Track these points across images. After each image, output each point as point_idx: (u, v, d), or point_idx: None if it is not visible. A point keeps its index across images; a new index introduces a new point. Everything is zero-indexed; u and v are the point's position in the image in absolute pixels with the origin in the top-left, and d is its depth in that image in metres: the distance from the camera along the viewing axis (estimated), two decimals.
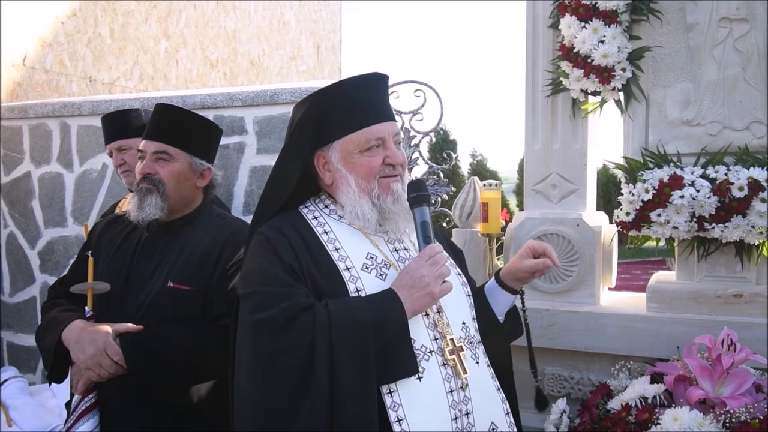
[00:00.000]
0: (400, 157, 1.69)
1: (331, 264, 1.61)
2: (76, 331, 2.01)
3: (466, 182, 2.97)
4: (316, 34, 9.33)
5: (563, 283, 2.77)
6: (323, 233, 1.66)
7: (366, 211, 1.66)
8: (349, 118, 1.67)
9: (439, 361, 1.57)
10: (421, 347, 1.57)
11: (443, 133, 14.04)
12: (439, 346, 1.59)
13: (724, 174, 2.45)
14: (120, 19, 5.85)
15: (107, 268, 2.18)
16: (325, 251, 1.62)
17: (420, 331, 1.58)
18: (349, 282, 1.58)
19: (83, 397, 2.03)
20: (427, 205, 1.66)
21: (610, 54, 2.59)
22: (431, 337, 1.59)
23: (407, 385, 1.52)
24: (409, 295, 1.54)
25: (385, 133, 1.67)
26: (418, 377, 1.54)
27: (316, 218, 1.70)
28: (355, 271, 1.60)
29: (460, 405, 1.57)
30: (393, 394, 1.51)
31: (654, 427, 2.14)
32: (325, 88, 1.73)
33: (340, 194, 1.69)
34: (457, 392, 1.57)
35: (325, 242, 1.64)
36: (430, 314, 1.62)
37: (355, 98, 1.68)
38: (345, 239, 1.66)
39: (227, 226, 2.22)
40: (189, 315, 2.07)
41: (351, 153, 1.66)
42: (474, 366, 1.64)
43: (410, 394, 1.52)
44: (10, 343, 4.18)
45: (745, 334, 2.37)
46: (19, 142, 4.10)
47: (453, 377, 1.58)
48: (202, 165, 2.24)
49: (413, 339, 1.56)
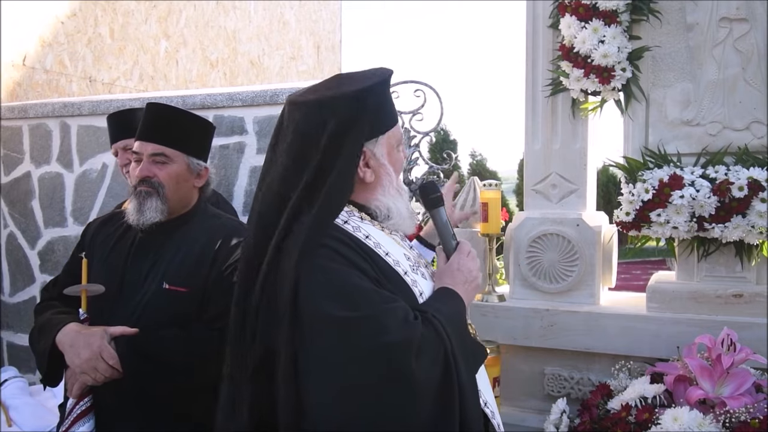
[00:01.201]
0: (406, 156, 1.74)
1: (390, 270, 1.51)
2: (71, 334, 1.99)
3: (466, 182, 2.97)
4: (316, 34, 9.33)
5: (563, 283, 2.77)
6: (365, 238, 1.51)
7: (402, 208, 1.60)
8: (390, 111, 1.61)
9: None
10: None
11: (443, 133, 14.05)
12: None
13: (724, 174, 2.45)
14: (120, 19, 5.85)
15: (101, 270, 2.15)
16: (380, 257, 1.51)
17: None
18: (413, 287, 1.53)
19: (78, 401, 2.01)
20: (442, 206, 1.73)
21: (610, 54, 2.59)
22: None
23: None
24: (465, 290, 1.61)
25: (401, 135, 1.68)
26: None
27: (346, 222, 1.52)
28: (411, 274, 1.55)
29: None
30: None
31: (654, 427, 2.14)
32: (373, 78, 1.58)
33: (381, 191, 1.58)
34: None
35: (374, 247, 1.51)
36: None
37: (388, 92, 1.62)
38: (386, 243, 1.56)
39: (223, 226, 2.21)
40: (184, 317, 2.05)
41: (393, 147, 1.59)
42: None
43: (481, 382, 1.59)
44: (10, 343, 4.18)
45: (745, 334, 2.37)
46: (19, 142, 4.11)
47: None
48: (199, 165, 2.23)
49: None
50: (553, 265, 2.77)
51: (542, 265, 2.79)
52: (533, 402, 2.80)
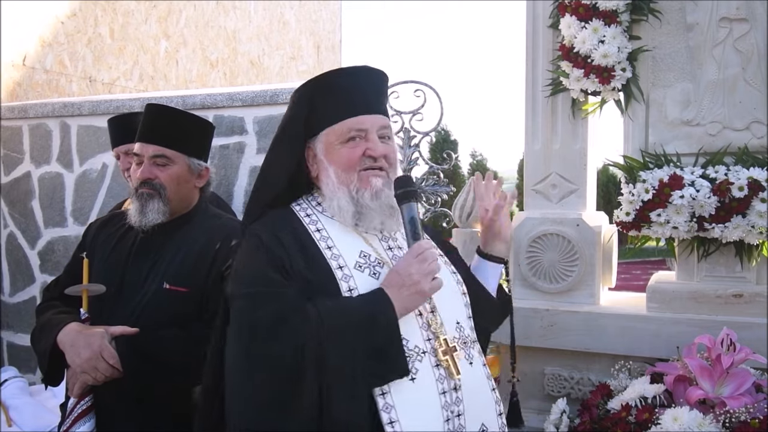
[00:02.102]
0: (381, 149, 1.64)
1: (323, 263, 1.57)
2: (72, 334, 2.00)
3: (466, 182, 2.97)
4: (316, 34, 9.33)
5: (563, 283, 2.77)
6: (315, 231, 1.63)
7: (342, 203, 1.62)
8: (334, 109, 1.65)
9: (432, 361, 1.54)
10: (414, 348, 1.54)
11: (444, 133, 14.06)
12: (432, 347, 1.56)
13: (724, 174, 2.45)
14: (120, 19, 5.85)
15: (102, 270, 2.16)
16: (318, 250, 1.59)
17: (413, 331, 1.56)
18: (342, 281, 1.55)
19: (79, 401, 2.02)
20: (415, 201, 1.62)
21: (610, 54, 2.59)
22: (424, 338, 1.56)
23: (400, 387, 1.50)
24: (399, 294, 1.52)
25: (368, 125, 1.63)
26: (411, 378, 1.51)
27: (308, 216, 1.66)
28: (348, 269, 1.57)
29: (452, 406, 1.54)
30: (386, 395, 1.48)
31: (654, 427, 2.14)
32: (316, 76, 1.70)
33: (323, 186, 1.66)
34: (449, 393, 1.54)
35: (318, 240, 1.61)
36: (423, 314, 1.59)
37: (341, 89, 1.66)
38: (338, 237, 1.63)
39: (223, 227, 2.21)
40: (185, 316, 2.05)
41: (332, 144, 1.64)
42: (467, 366, 1.60)
43: (403, 395, 1.50)
44: (10, 343, 4.18)
45: (745, 334, 2.37)
46: (19, 142, 4.10)
47: (446, 378, 1.54)
48: (200, 165, 2.23)
49: (406, 339, 1.53)
50: (553, 265, 2.77)
51: (542, 265, 2.79)
52: (533, 402, 2.80)
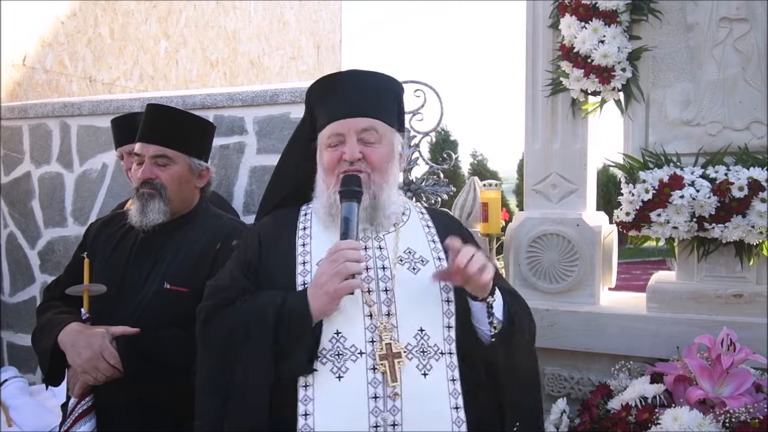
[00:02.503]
0: (351, 153, 1.66)
1: (292, 258, 1.66)
2: (72, 334, 2.00)
3: (466, 182, 2.97)
4: (316, 34, 9.33)
5: (563, 283, 2.77)
6: (301, 229, 1.72)
7: (322, 203, 1.71)
8: (324, 114, 1.74)
9: (369, 364, 1.53)
10: (351, 347, 1.54)
11: (444, 133, 14.05)
12: (372, 349, 1.54)
13: (724, 174, 2.45)
14: (120, 19, 5.85)
15: (103, 270, 2.16)
16: (293, 247, 1.68)
17: (356, 331, 1.56)
18: (299, 275, 1.63)
19: (80, 400, 2.03)
20: (356, 201, 1.63)
21: (610, 54, 2.59)
22: (367, 339, 1.55)
23: (324, 382, 1.51)
24: (314, 293, 1.54)
25: (345, 129, 1.68)
26: (338, 376, 1.51)
27: (305, 215, 1.76)
28: (310, 266, 1.63)
29: (384, 414, 1.50)
30: (308, 388, 1.51)
31: (654, 427, 2.14)
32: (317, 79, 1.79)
33: (315, 187, 1.77)
34: (383, 400, 1.50)
35: (297, 238, 1.70)
36: (373, 315, 1.58)
37: (330, 93, 1.75)
38: (318, 236, 1.69)
39: (224, 227, 2.21)
40: (185, 316, 2.04)
41: (322, 148, 1.74)
42: (418, 377, 1.54)
43: (325, 391, 1.51)
44: (10, 343, 4.18)
45: (745, 334, 2.37)
46: (19, 142, 4.10)
47: (381, 383, 1.51)
48: (201, 165, 2.24)
49: (344, 338, 1.54)
50: (553, 265, 2.77)
51: (542, 265, 2.79)
52: None
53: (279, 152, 1.85)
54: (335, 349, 1.54)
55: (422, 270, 1.67)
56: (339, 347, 1.54)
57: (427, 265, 1.69)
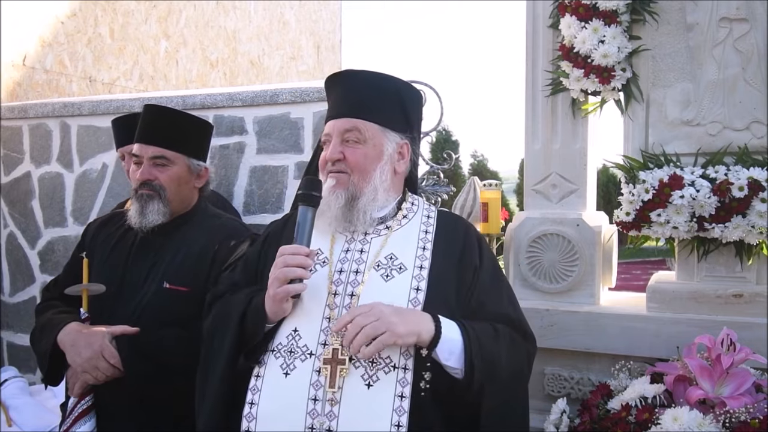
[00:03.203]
0: (330, 154, 1.71)
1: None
2: (72, 334, 2.00)
3: (466, 182, 2.97)
4: (316, 34, 9.33)
5: (563, 283, 2.77)
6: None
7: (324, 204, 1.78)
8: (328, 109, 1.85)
9: (315, 365, 1.54)
10: (303, 346, 1.58)
11: (445, 133, 14.07)
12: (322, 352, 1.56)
13: (724, 174, 2.45)
14: (120, 19, 5.85)
15: (102, 269, 2.16)
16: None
17: (311, 332, 1.60)
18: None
19: (80, 400, 2.03)
20: (312, 206, 1.65)
21: (610, 54, 2.59)
22: (320, 341, 1.57)
23: (273, 377, 1.57)
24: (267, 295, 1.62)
25: (331, 129, 1.74)
26: (284, 372, 1.56)
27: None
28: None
29: (321, 417, 1.50)
30: (258, 379, 1.58)
31: (654, 427, 2.14)
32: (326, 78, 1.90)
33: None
34: (322, 403, 1.51)
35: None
36: (332, 319, 1.60)
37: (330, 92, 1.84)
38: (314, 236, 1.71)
39: (223, 226, 2.21)
40: (185, 316, 2.05)
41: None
42: (360, 387, 1.51)
43: (272, 384, 1.56)
44: (10, 343, 4.18)
45: (745, 334, 2.37)
46: (19, 142, 4.10)
47: (323, 387, 1.52)
48: (199, 166, 2.24)
49: (299, 336, 1.59)
50: (553, 265, 2.77)
51: (542, 265, 2.79)
52: (533, 402, 2.78)
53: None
54: (289, 345, 1.59)
55: (396, 278, 1.64)
56: (293, 344, 1.59)
57: (404, 273, 1.65)
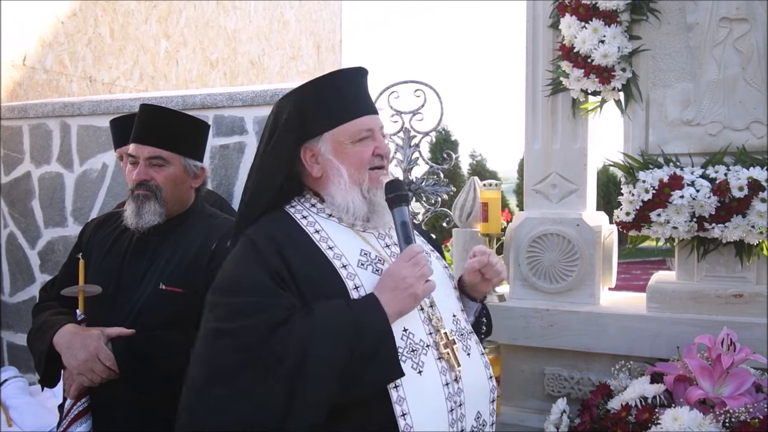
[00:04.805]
0: (387, 147, 1.74)
1: (326, 263, 1.60)
2: (68, 335, 1.99)
3: (466, 182, 2.96)
4: (316, 34, 9.33)
5: (563, 283, 2.77)
6: (315, 233, 1.65)
7: (357, 203, 1.66)
8: (338, 110, 1.69)
9: (435, 354, 1.59)
10: (420, 341, 1.58)
11: (444, 133, 14.06)
12: (434, 340, 1.61)
13: (723, 174, 2.45)
14: (120, 19, 5.85)
15: (98, 270, 2.15)
16: (319, 251, 1.62)
17: (417, 326, 1.60)
18: (347, 279, 1.59)
19: (76, 402, 2.01)
20: (406, 205, 1.66)
21: (610, 54, 2.59)
22: (426, 332, 1.61)
23: (410, 380, 1.54)
24: (392, 298, 1.54)
25: (374, 124, 1.71)
26: (418, 371, 1.55)
27: (305, 218, 1.69)
28: (352, 268, 1.61)
29: (454, 397, 1.59)
30: (398, 388, 1.53)
31: (654, 427, 2.14)
32: (310, 81, 1.74)
33: (331, 186, 1.68)
34: (451, 385, 1.59)
35: (318, 242, 1.63)
36: (424, 309, 1.63)
37: (342, 90, 1.71)
38: (337, 237, 1.66)
39: (220, 226, 2.20)
40: (181, 317, 2.03)
41: (343, 144, 1.67)
42: (465, 358, 1.65)
43: (413, 388, 1.54)
44: (10, 343, 4.18)
45: (745, 334, 2.37)
46: (19, 142, 4.11)
47: (448, 370, 1.59)
48: (196, 166, 2.23)
49: (412, 334, 1.57)
50: (553, 265, 2.77)
51: (542, 265, 2.79)
52: (533, 402, 2.80)
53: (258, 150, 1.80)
54: (408, 345, 1.58)
55: (434, 261, 1.76)
56: (411, 343, 1.58)
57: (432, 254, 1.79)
